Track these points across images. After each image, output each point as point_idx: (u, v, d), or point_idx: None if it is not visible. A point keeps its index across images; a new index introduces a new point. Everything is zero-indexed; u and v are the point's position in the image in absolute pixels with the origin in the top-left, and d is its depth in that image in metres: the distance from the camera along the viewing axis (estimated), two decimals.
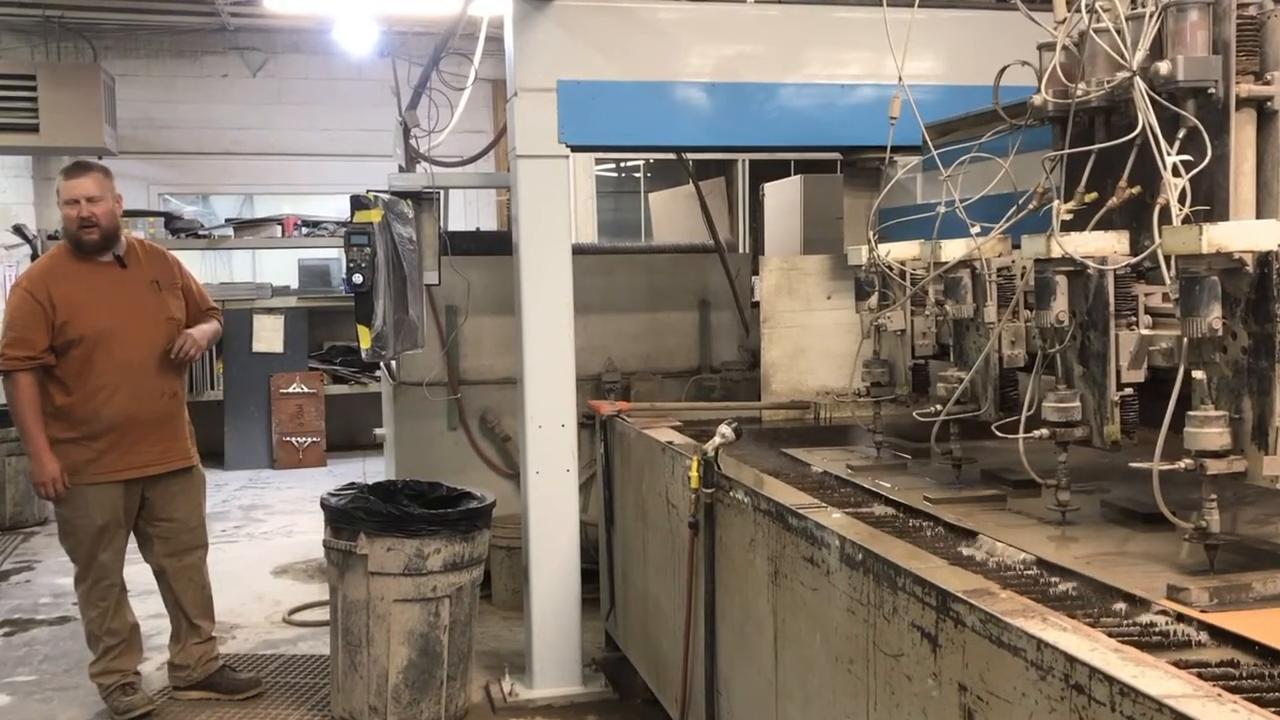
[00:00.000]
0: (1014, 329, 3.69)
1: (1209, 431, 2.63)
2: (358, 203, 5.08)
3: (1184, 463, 2.66)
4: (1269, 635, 2.15)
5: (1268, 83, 3.09)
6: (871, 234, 4.16)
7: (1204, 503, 2.69)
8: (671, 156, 8.03)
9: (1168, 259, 2.90)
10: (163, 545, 5.38)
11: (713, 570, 3.88)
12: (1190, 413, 2.66)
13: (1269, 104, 3.10)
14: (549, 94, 5.05)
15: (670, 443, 4.51)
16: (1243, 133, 3.14)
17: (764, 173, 10.30)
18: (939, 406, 3.81)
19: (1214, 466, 2.63)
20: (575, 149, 5.13)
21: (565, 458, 5.28)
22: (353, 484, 5.31)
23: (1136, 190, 3.31)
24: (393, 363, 6.98)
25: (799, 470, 4.16)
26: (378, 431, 8.76)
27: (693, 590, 4.08)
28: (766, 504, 3.37)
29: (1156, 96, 3.09)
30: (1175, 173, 3.01)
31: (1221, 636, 2.20)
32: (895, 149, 5.49)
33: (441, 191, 5.85)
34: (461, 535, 4.96)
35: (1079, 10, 3.43)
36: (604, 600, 5.69)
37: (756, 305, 7.65)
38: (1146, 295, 3.20)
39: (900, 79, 4.00)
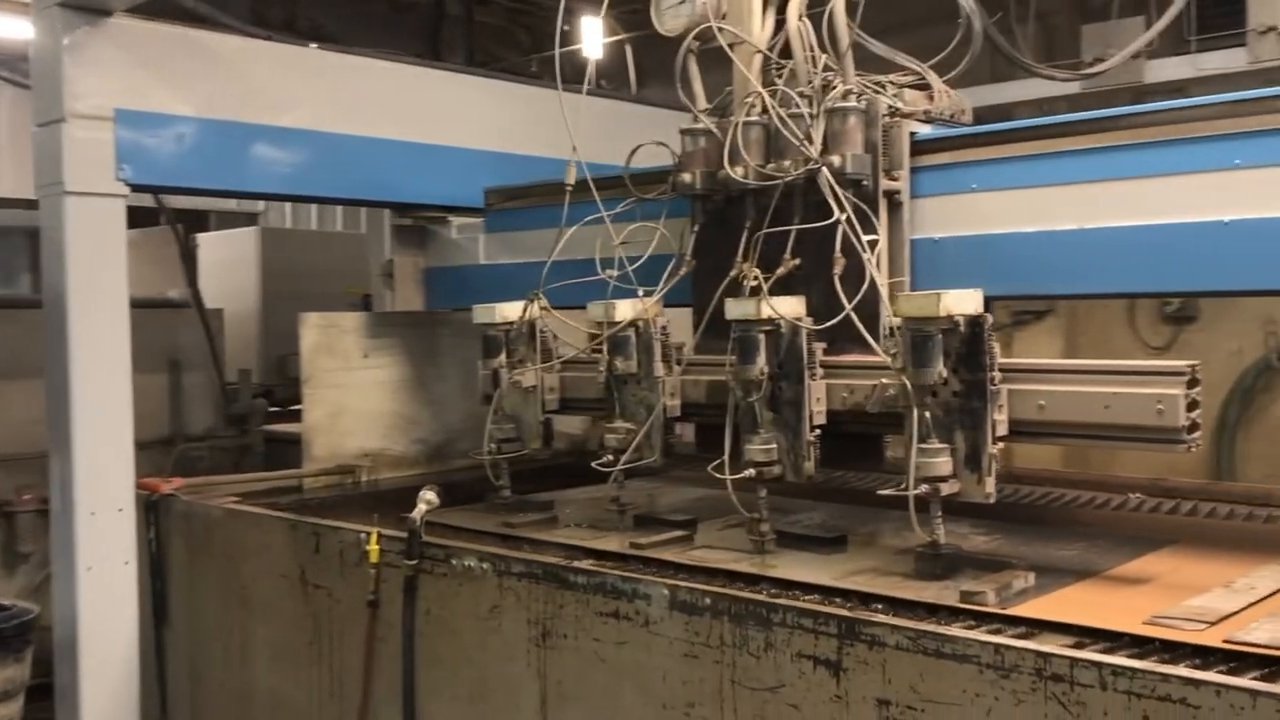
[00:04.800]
0: (673, 383, 4.07)
1: (939, 460, 3.23)
2: None
3: (923, 487, 3.23)
4: (1076, 617, 2.76)
5: (896, 179, 3.84)
6: (540, 292, 4.23)
7: (933, 519, 3.29)
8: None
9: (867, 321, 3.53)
10: None
11: (412, 646, 3.68)
12: (921, 445, 3.23)
13: (897, 196, 3.85)
14: (104, 123, 4.37)
15: (302, 520, 4.15)
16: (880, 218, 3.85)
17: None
18: (612, 456, 4.03)
19: (945, 489, 3.24)
20: (137, 189, 4.48)
21: (125, 548, 4.53)
22: None
23: (798, 262, 3.88)
24: None
25: (457, 533, 4.08)
26: None
27: (370, 671, 3.82)
28: (525, 566, 3.34)
29: (834, 183, 3.66)
30: (844, 249, 3.64)
31: (1037, 625, 2.74)
32: (453, 209, 5.66)
33: None
34: (14, 656, 4.05)
35: (746, 101, 3.93)
36: (150, 708, 4.93)
37: None
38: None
39: (574, 148, 4.16)
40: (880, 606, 2.90)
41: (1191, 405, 3.03)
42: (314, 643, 4.06)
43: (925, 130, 3.93)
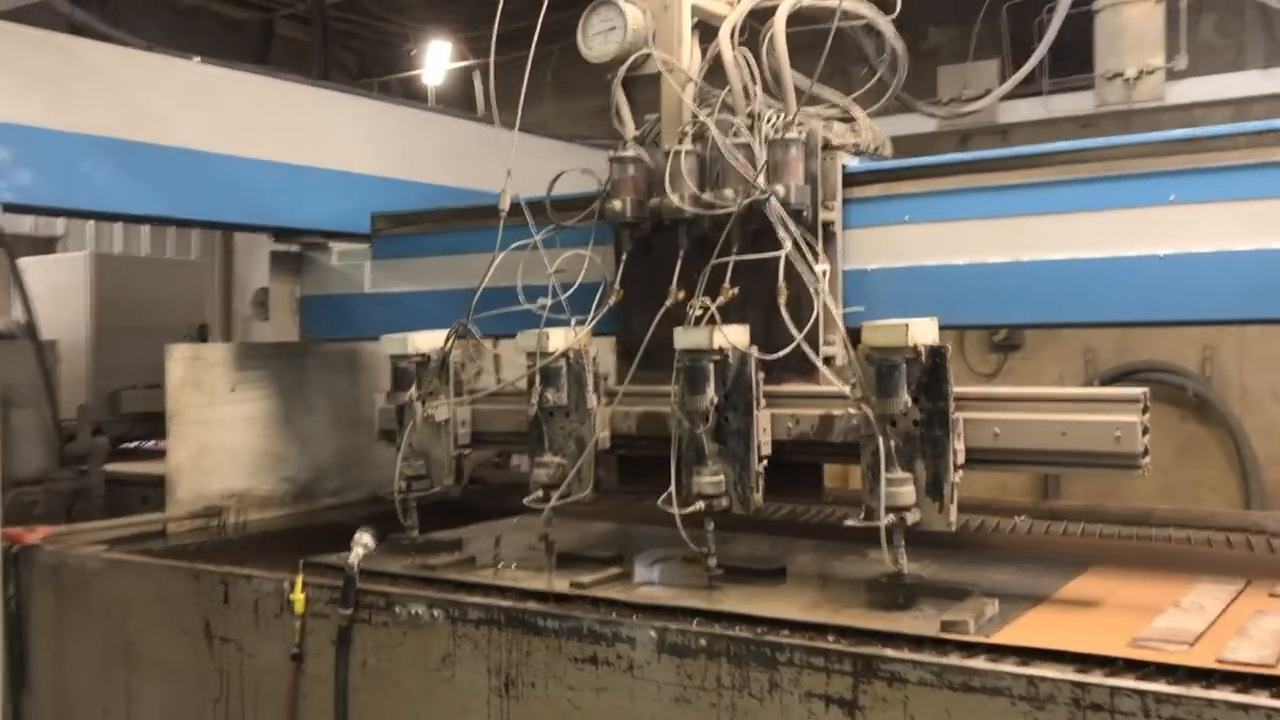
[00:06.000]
0: (604, 414, 3.95)
1: (904, 490, 3.24)
2: None
3: (890, 517, 3.22)
4: (1058, 642, 2.80)
5: (830, 209, 3.87)
6: (468, 321, 4.03)
7: (896, 549, 3.29)
8: None
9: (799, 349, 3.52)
10: None
11: (345, 701, 3.41)
12: (888, 475, 3.23)
13: (831, 227, 3.87)
14: None
15: (207, 568, 3.81)
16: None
17: None
18: (543, 492, 3.88)
19: (910, 518, 3.25)
20: (7, 208, 4.04)
21: None
22: None
23: (736, 291, 3.83)
24: None
25: (376, 578, 3.82)
26: None
27: None
28: (484, 612, 3.15)
29: (783, 214, 3.65)
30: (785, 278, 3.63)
31: (1029, 652, 2.75)
32: (333, 235, 5.38)
33: None
34: None
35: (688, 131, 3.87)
36: None
37: None
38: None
39: (509, 172, 3.98)
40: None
41: (1144, 431, 3.15)
42: (220, 701, 3.72)
43: (854, 162, 3.98)
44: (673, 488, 3.57)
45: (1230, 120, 7.45)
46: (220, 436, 5.28)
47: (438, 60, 9.50)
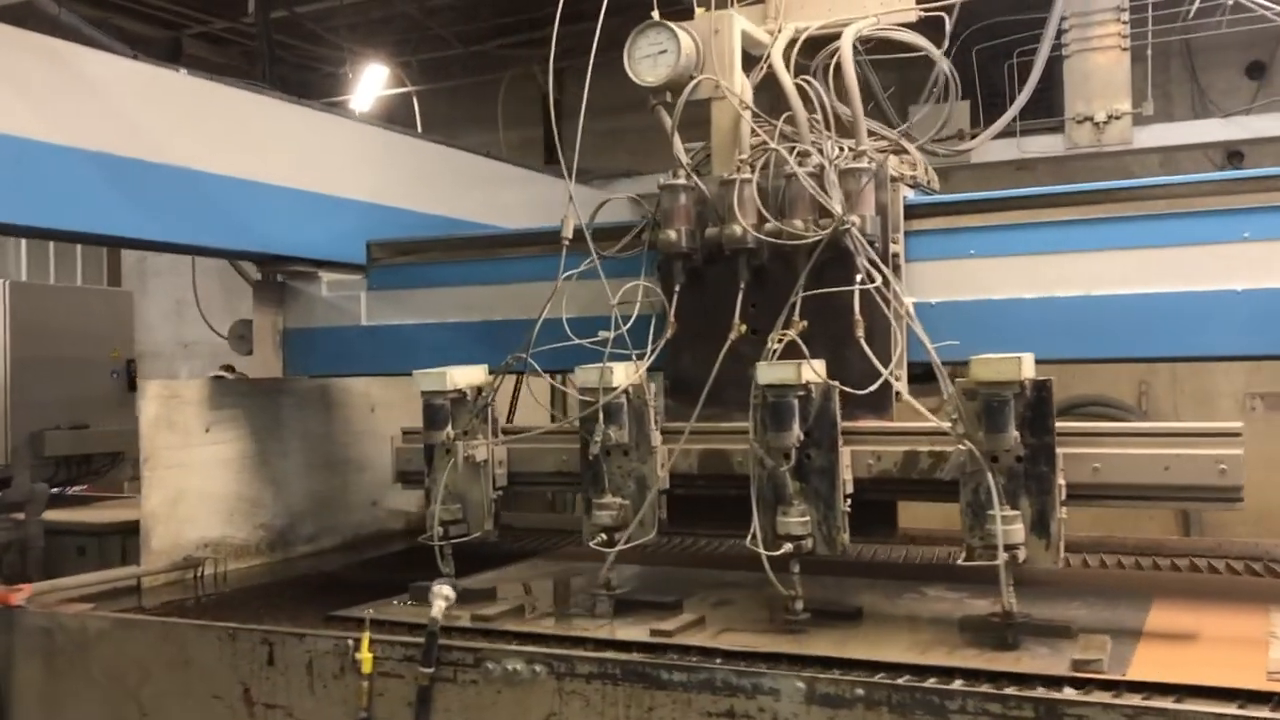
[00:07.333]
0: (664, 452, 3.78)
1: (1015, 528, 3.18)
2: None
3: (1004, 556, 3.15)
4: (1194, 677, 2.76)
5: (896, 241, 3.81)
6: (525, 354, 3.80)
7: (1004, 588, 3.22)
8: None
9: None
10: None
11: None
12: (1005, 513, 3.15)
13: (897, 258, 3.81)
14: None
15: (246, 627, 3.47)
16: None
17: None
18: (605, 535, 3.68)
19: (1021, 555, 3.18)
20: None
21: None
22: None
23: (805, 324, 3.72)
24: None
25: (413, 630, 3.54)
26: None
27: None
28: (597, 666, 2.93)
29: (864, 244, 3.57)
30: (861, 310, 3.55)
31: (1179, 690, 2.71)
32: (322, 263, 5.08)
33: None
34: None
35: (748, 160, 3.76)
36: None
37: None
38: None
39: (571, 197, 3.79)
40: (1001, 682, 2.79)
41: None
42: None
43: (911, 195, 3.94)
44: (757, 529, 3.44)
45: (1160, 168, 7.81)
46: (194, 480, 4.89)
47: (371, 85, 9.15)
